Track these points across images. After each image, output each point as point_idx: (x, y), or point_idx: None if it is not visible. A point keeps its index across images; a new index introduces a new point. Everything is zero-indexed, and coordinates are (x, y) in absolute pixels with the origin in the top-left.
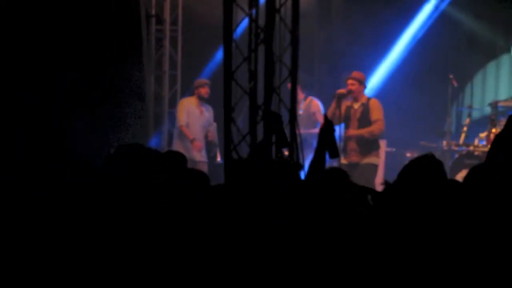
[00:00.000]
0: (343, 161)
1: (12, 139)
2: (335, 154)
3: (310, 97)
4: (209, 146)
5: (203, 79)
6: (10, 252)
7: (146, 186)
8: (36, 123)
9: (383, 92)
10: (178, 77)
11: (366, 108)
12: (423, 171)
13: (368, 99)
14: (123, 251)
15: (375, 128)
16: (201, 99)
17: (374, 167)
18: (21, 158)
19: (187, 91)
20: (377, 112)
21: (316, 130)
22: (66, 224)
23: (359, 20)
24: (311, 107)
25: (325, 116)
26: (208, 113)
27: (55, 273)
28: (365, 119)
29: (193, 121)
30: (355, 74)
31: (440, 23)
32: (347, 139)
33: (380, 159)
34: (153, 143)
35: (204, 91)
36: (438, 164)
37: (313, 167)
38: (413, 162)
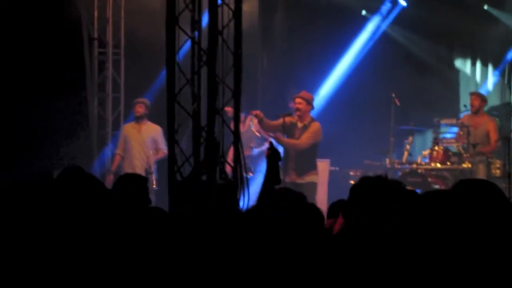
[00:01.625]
0: (286, 179)
1: None
2: (277, 181)
3: (250, 116)
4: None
5: (138, 99)
6: (9, 252)
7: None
8: None
9: (326, 111)
10: (121, 99)
11: (305, 130)
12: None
13: (310, 121)
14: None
15: (299, 142)
16: (137, 118)
17: (315, 185)
18: None
19: (130, 113)
20: (311, 132)
21: (260, 149)
22: (65, 224)
23: (302, 42)
24: (252, 126)
25: (271, 144)
26: (149, 129)
27: (53, 273)
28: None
29: (131, 143)
30: (304, 94)
31: (382, 43)
32: (288, 157)
33: (323, 177)
34: (97, 165)
35: (136, 109)
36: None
37: (263, 192)
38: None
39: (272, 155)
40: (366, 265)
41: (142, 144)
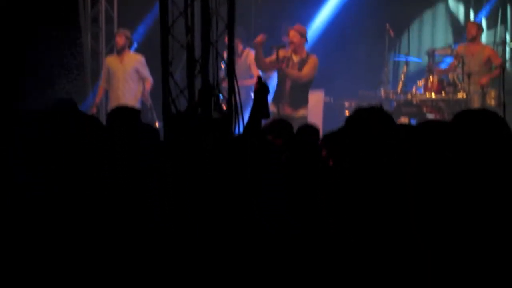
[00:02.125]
0: (274, 110)
1: None
2: (266, 115)
3: (247, 49)
4: (143, 113)
5: (118, 29)
6: (10, 252)
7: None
8: None
9: (320, 43)
10: (114, 32)
11: (303, 63)
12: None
13: (308, 54)
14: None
15: (303, 74)
16: (118, 49)
17: (305, 119)
18: None
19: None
20: (310, 65)
21: (250, 81)
22: (66, 224)
23: None
24: (248, 60)
25: (259, 78)
26: (131, 59)
27: (53, 271)
28: None
29: (116, 75)
30: (297, 27)
31: None
32: (282, 89)
33: (314, 109)
34: (91, 98)
35: (116, 40)
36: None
37: (249, 125)
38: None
39: (260, 89)
40: (362, 199)
41: (126, 75)
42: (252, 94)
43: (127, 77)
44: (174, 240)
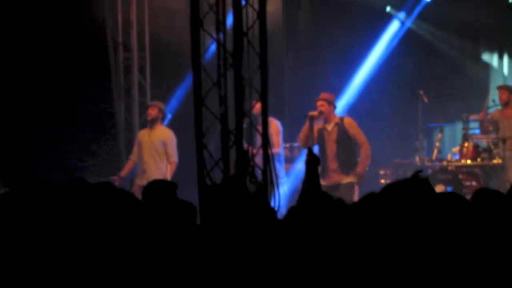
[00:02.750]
0: (323, 183)
1: None
2: (317, 188)
3: (270, 118)
4: None
5: (151, 102)
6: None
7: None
8: None
9: (354, 111)
10: (147, 104)
11: (341, 127)
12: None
13: (341, 118)
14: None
15: (365, 153)
16: (150, 121)
17: (353, 186)
18: None
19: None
20: (356, 130)
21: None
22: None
23: (327, 40)
24: (270, 128)
25: (309, 150)
26: (159, 132)
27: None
28: (344, 138)
29: (143, 148)
30: (323, 95)
31: (407, 39)
32: (327, 160)
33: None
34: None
35: (148, 112)
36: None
37: (302, 198)
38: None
39: (310, 161)
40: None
41: (152, 148)
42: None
43: (153, 151)
44: None
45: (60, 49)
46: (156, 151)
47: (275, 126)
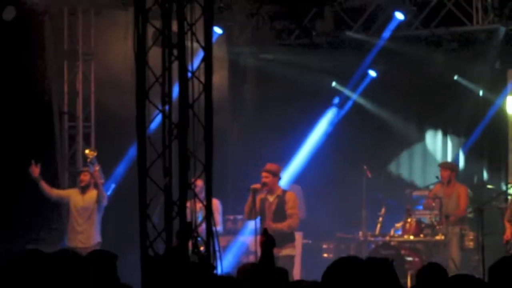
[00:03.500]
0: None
1: None
2: (273, 266)
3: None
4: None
5: (82, 167)
6: None
7: None
8: None
9: (298, 183)
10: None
11: (281, 200)
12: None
13: (284, 191)
14: None
15: (291, 222)
16: (82, 188)
17: (291, 258)
18: None
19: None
20: (292, 204)
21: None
22: None
23: (273, 112)
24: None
25: (265, 231)
26: (92, 194)
27: None
28: (280, 212)
29: (76, 211)
30: (269, 166)
31: (352, 114)
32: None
33: (296, 250)
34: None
35: (80, 178)
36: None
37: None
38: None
39: (267, 242)
40: None
41: (87, 211)
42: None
43: (88, 213)
44: None
45: (5, 115)
46: (91, 213)
47: (216, 205)
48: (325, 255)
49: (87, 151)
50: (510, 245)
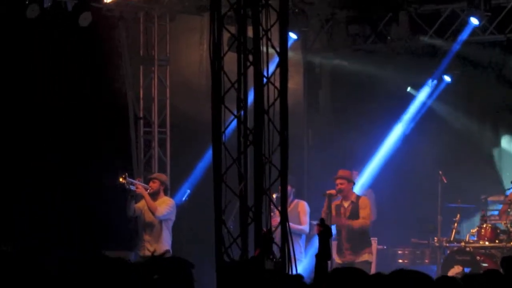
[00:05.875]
0: (338, 260)
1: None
2: (328, 257)
3: (296, 200)
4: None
5: (152, 174)
6: None
7: None
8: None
9: (373, 189)
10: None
11: (355, 206)
12: None
13: (357, 197)
14: None
15: (362, 222)
16: (151, 194)
17: (368, 264)
18: None
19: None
20: (364, 210)
21: (297, 227)
22: None
23: (348, 117)
24: (298, 208)
25: (322, 221)
26: (162, 203)
27: None
28: (354, 217)
29: (146, 220)
30: (342, 172)
31: (427, 119)
32: (340, 238)
33: (373, 256)
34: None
35: (149, 185)
36: None
37: (317, 268)
38: None
39: (323, 232)
40: None
41: (156, 220)
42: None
43: (157, 223)
44: None
45: (82, 120)
46: (158, 222)
47: (303, 206)
48: (400, 261)
49: (121, 179)
50: None
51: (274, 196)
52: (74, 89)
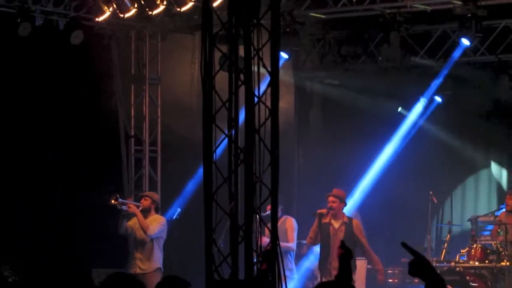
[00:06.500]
0: (323, 279)
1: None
2: (349, 281)
3: (284, 216)
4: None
5: (144, 192)
6: None
7: None
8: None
9: (362, 208)
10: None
11: (349, 228)
12: None
13: (350, 219)
14: None
15: (373, 254)
16: (142, 212)
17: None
18: None
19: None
20: (360, 232)
21: (285, 244)
22: None
23: (338, 136)
24: (285, 224)
25: (342, 243)
26: (153, 221)
27: None
28: (350, 239)
29: (136, 237)
30: (336, 191)
31: (418, 139)
32: (330, 257)
33: (359, 279)
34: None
35: (140, 202)
36: None
37: None
38: None
39: (344, 254)
40: None
41: (146, 238)
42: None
43: (148, 240)
44: None
45: (72, 138)
46: (151, 241)
47: (291, 223)
48: (390, 280)
49: (112, 201)
50: None
51: (263, 215)
52: (65, 107)
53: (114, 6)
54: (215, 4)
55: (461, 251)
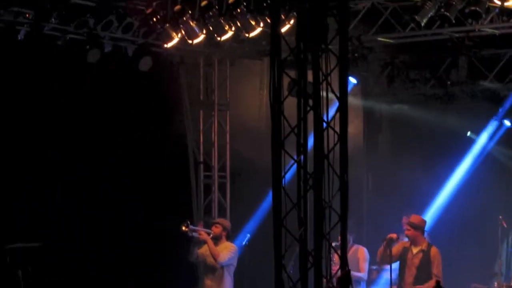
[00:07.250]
0: None
1: None
2: None
3: (356, 246)
4: None
5: (216, 219)
6: None
7: None
8: None
9: (433, 232)
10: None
11: (427, 256)
12: None
13: (429, 246)
14: None
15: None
16: (213, 238)
17: None
18: None
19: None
20: (437, 266)
21: (356, 274)
22: None
23: (408, 161)
24: (357, 254)
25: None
26: (223, 248)
27: None
28: (425, 269)
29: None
30: (413, 218)
31: (487, 164)
32: (404, 280)
33: None
34: None
35: (211, 229)
36: None
37: None
38: None
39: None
40: None
41: (215, 265)
42: None
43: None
44: None
45: (142, 164)
46: (222, 268)
47: (363, 253)
48: None
49: (183, 228)
50: None
51: (333, 244)
52: (135, 133)
53: (183, 32)
54: (283, 30)
55: None
